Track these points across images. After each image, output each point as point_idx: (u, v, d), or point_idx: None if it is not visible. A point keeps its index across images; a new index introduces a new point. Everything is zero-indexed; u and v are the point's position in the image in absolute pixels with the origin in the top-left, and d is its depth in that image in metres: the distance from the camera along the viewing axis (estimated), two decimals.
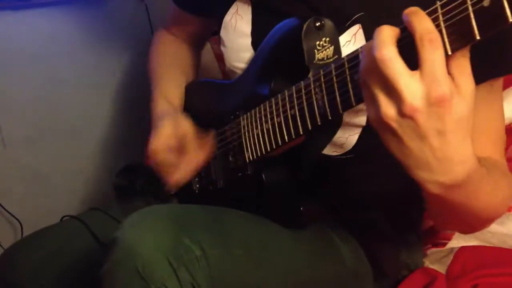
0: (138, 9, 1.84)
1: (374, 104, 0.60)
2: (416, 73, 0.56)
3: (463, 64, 0.57)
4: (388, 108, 0.58)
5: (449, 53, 0.56)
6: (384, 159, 0.94)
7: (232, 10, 1.01)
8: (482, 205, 0.73)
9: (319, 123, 0.76)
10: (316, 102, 0.75)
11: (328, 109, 0.73)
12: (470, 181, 0.63)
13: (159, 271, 0.71)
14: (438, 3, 0.57)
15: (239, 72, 1.02)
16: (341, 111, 0.72)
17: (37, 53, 1.68)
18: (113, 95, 1.85)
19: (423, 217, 1.12)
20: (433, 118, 0.57)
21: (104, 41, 1.80)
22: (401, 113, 0.57)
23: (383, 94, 0.58)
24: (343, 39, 0.84)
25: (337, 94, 0.71)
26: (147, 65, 1.25)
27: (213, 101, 1.06)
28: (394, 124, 0.58)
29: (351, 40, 0.85)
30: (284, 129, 0.82)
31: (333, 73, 0.72)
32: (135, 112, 1.77)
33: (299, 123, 0.79)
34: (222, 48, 1.06)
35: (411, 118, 0.57)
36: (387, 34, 0.58)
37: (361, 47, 0.66)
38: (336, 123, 0.88)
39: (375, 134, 0.87)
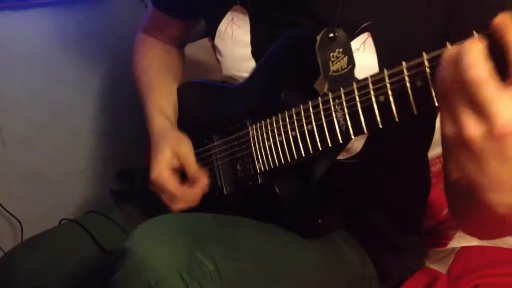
0: (138, 9, 1.83)
1: (454, 121, 0.56)
2: (509, 91, 0.52)
3: None
4: (473, 129, 0.54)
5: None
6: (387, 163, 0.95)
7: (226, 20, 1.00)
8: None
9: (341, 141, 0.76)
10: (337, 120, 0.75)
11: (351, 129, 0.73)
12: None
13: (172, 285, 0.70)
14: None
15: (240, 80, 1.00)
16: (365, 131, 0.72)
17: (37, 53, 1.68)
18: (113, 95, 1.85)
19: (423, 218, 1.12)
20: None
21: (104, 41, 1.80)
22: (490, 134, 0.53)
23: (468, 114, 0.54)
24: (351, 46, 0.83)
25: (360, 114, 0.71)
26: (132, 70, 1.22)
27: (212, 104, 1.05)
28: (477, 144, 0.54)
29: (360, 48, 0.85)
30: (300, 143, 0.82)
31: (356, 92, 0.71)
32: (135, 112, 1.77)
33: (318, 139, 0.79)
34: (219, 57, 1.04)
35: (500, 139, 0.53)
36: (480, 51, 0.53)
37: (388, 71, 0.65)
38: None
39: (380, 140, 0.88)
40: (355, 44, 0.85)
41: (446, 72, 0.56)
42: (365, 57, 0.84)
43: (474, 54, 0.53)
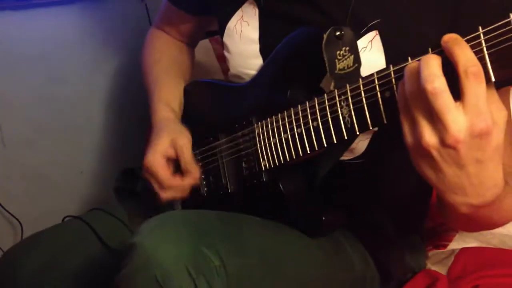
0: (138, 9, 1.84)
1: (414, 129, 0.61)
2: (460, 105, 0.57)
3: (492, 92, 0.59)
4: (430, 137, 0.59)
5: (492, 80, 0.57)
6: (391, 164, 0.95)
7: (236, 16, 1.00)
8: (502, 216, 0.76)
9: (346, 138, 0.76)
10: (342, 117, 0.75)
11: (356, 125, 0.73)
12: (497, 200, 0.66)
13: (179, 280, 0.70)
14: (481, 30, 0.57)
15: (247, 78, 1.01)
16: (370, 128, 0.72)
17: (37, 53, 1.68)
18: (113, 95, 1.85)
19: (425, 219, 1.12)
20: (474, 148, 0.58)
21: (104, 41, 1.80)
22: (444, 143, 0.58)
23: (426, 123, 0.59)
24: (359, 45, 0.83)
25: (366, 111, 0.71)
26: (141, 64, 1.22)
27: (219, 103, 1.05)
28: (434, 152, 0.60)
29: (367, 47, 0.85)
30: (305, 140, 0.82)
31: (361, 88, 0.71)
32: (135, 112, 1.77)
33: (323, 136, 0.79)
34: (227, 54, 1.04)
35: (453, 148, 0.58)
36: (437, 65, 0.58)
37: (394, 67, 0.66)
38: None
39: (384, 140, 0.88)
40: (362, 42, 0.85)
41: (407, 84, 0.61)
42: (372, 55, 0.85)
43: (433, 67, 0.58)
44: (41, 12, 1.68)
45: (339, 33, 0.80)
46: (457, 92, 0.57)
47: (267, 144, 0.89)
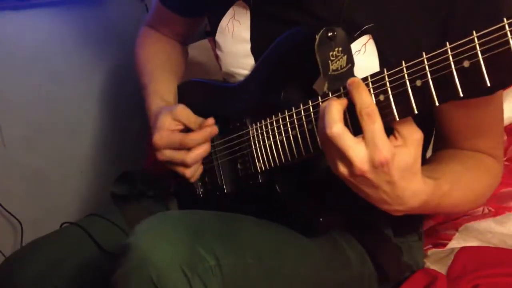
0: (138, 9, 1.84)
1: (331, 161, 0.72)
2: (361, 140, 0.68)
3: (405, 120, 0.68)
4: (343, 169, 0.70)
5: (488, 85, 0.59)
6: None
7: (228, 15, 1.00)
8: (454, 206, 0.86)
9: None
10: None
11: (351, 128, 0.73)
12: (430, 201, 0.74)
13: (173, 280, 0.70)
14: (475, 34, 0.59)
15: (238, 77, 1.01)
16: None
17: (37, 53, 1.68)
18: (113, 95, 1.85)
19: (423, 218, 1.12)
20: (380, 174, 0.68)
21: (104, 41, 1.81)
22: (353, 173, 0.69)
23: (337, 158, 0.70)
24: (352, 48, 0.83)
25: None
26: (134, 62, 1.22)
27: (212, 103, 1.05)
28: (350, 179, 0.71)
29: (361, 50, 0.85)
30: (301, 142, 0.82)
31: None
32: (135, 112, 1.78)
33: (319, 138, 0.79)
34: (219, 52, 1.05)
35: (362, 176, 0.69)
36: (336, 111, 0.69)
37: (388, 71, 0.69)
38: None
39: None
40: (355, 46, 0.85)
41: (319, 125, 0.71)
42: (366, 59, 0.85)
43: (332, 112, 0.68)
44: (41, 12, 1.68)
45: (331, 33, 0.80)
46: (360, 128, 0.67)
47: (262, 146, 0.89)
